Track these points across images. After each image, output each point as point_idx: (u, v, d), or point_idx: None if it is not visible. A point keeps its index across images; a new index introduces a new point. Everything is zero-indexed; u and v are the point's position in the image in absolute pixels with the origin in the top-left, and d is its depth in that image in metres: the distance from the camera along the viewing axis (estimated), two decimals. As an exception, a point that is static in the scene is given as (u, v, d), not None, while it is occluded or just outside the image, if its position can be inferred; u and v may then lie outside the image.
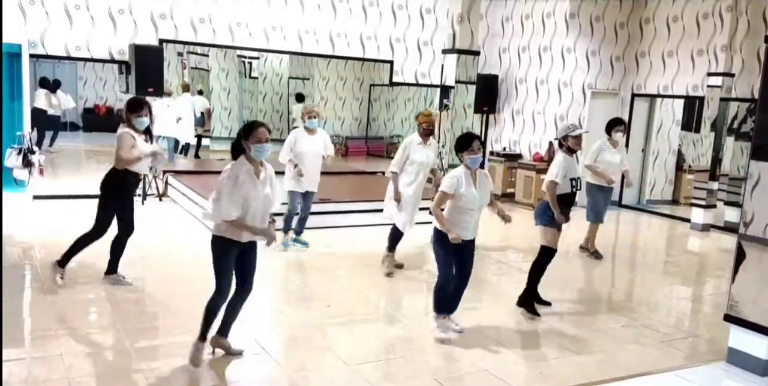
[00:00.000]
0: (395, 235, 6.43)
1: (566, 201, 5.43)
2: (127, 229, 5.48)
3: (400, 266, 6.51)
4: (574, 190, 5.46)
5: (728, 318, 4.47)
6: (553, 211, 5.31)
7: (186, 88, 12.98)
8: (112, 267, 5.54)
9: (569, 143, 5.48)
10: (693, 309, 6.14)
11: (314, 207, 7.20)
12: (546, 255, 5.43)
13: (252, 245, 4.09)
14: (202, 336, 4.09)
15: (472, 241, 4.75)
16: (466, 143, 4.66)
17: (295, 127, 13.78)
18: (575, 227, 8.64)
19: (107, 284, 5.48)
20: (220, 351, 4.24)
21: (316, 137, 6.94)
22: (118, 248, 5.51)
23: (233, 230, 3.93)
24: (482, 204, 4.71)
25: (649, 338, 4.99)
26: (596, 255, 7.43)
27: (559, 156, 5.54)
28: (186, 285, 5.61)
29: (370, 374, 4.09)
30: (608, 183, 7.30)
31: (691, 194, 10.13)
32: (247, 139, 3.94)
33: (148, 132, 5.38)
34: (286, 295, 5.67)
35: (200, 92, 14.35)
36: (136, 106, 5.24)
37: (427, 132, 6.26)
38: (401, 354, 4.46)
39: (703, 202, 9.55)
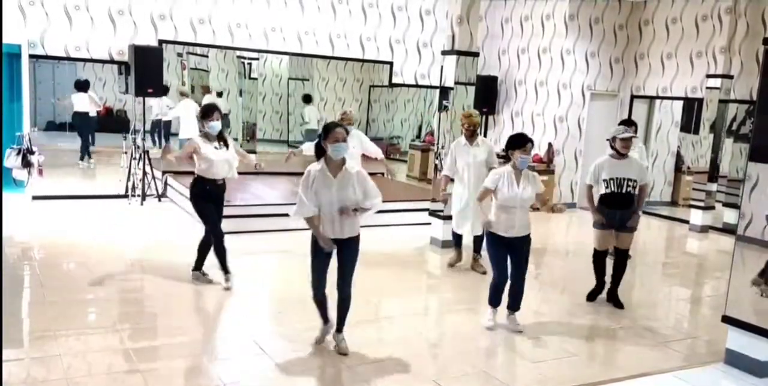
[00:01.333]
0: (453, 237, 6.73)
1: (609, 203, 5.49)
2: (212, 233, 5.59)
3: (482, 272, 6.44)
4: (610, 190, 5.45)
5: (726, 319, 4.48)
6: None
7: (207, 91, 13.08)
8: (197, 265, 5.73)
9: (617, 145, 5.51)
10: (691, 310, 6.15)
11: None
12: (593, 255, 5.73)
13: (348, 242, 4.29)
14: (324, 321, 4.49)
15: (523, 240, 4.85)
16: (521, 142, 4.79)
17: (308, 130, 13.80)
18: (576, 227, 8.65)
19: (107, 285, 5.48)
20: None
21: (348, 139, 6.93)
22: (202, 249, 5.70)
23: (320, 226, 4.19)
24: (524, 203, 4.79)
25: (647, 339, 4.99)
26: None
27: (599, 158, 5.65)
28: (185, 286, 5.62)
29: (369, 374, 4.09)
30: None
31: (690, 195, 10.13)
32: (326, 138, 4.16)
33: (221, 138, 5.49)
34: (285, 296, 5.67)
35: (219, 94, 14.29)
36: (206, 113, 5.45)
37: (470, 133, 6.40)
38: (400, 354, 4.46)
39: (701, 204, 9.56)
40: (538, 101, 10.97)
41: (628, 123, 7.30)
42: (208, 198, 5.51)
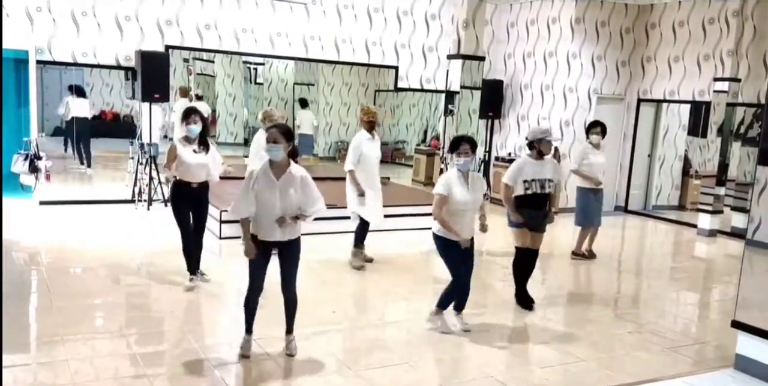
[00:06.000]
0: (363, 230, 6.71)
1: (527, 204, 5.44)
2: (183, 237, 5.69)
3: (370, 260, 6.78)
4: (531, 191, 5.42)
5: (736, 324, 4.44)
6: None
7: (184, 93, 12.93)
8: (190, 269, 5.74)
9: (542, 146, 5.49)
10: (700, 315, 6.11)
11: (319, 213, 7.19)
12: (516, 255, 5.62)
13: (288, 244, 4.21)
14: (247, 329, 4.36)
15: (471, 241, 4.82)
16: (454, 145, 4.78)
17: (300, 135, 13.83)
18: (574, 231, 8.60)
19: (114, 290, 5.50)
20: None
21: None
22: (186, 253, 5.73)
23: (256, 228, 4.14)
24: (474, 206, 4.81)
25: (655, 344, 4.96)
26: (591, 255, 7.60)
27: (519, 158, 5.67)
28: (191, 291, 5.62)
29: (375, 380, 4.08)
30: (596, 184, 7.39)
31: (698, 199, 10.09)
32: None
33: (202, 141, 5.49)
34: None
35: (200, 97, 14.19)
36: (186, 115, 5.46)
37: (371, 126, 6.51)
38: (406, 359, 4.45)
39: (709, 208, 9.51)
40: (544, 105, 10.94)
41: (593, 124, 7.59)
42: (185, 201, 5.56)
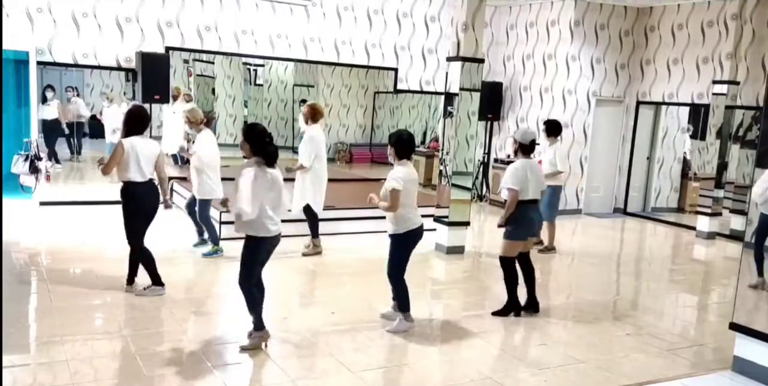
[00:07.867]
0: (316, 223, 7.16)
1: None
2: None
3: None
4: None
5: (734, 326, 4.45)
6: None
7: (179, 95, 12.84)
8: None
9: None
10: (698, 317, 6.12)
11: (319, 214, 7.18)
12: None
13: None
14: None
15: (390, 237, 5.03)
16: None
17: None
18: (581, 233, 8.64)
19: (114, 291, 5.51)
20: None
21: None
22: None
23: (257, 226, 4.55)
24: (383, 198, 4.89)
25: (654, 346, 4.97)
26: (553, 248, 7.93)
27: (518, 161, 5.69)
28: (192, 292, 5.63)
29: (374, 381, 4.09)
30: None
31: (697, 202, 10.10)
32: None
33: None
34: (290, 302, 5.67)
35: (188, 99, 14.01)
36: None
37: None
38: (405, 361, 4.46)
39: (708, 210, 9.53)
40: (543, 107, 10.96)
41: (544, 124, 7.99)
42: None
